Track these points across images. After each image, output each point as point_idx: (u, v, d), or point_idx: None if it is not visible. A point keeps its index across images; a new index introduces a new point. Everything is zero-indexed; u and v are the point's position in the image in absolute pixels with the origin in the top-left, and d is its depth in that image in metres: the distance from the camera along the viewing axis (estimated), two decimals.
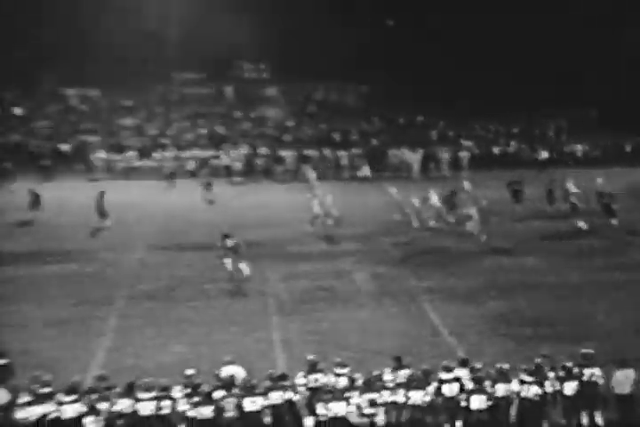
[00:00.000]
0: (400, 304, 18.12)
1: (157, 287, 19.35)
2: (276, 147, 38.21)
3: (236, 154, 36.97)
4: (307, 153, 37.26)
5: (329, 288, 19.39)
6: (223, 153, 37.04)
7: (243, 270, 19.48)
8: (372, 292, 19.07)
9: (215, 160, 36.51)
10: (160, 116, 42.27)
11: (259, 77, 45.14)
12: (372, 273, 20.55)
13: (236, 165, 35.99)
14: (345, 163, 36.82)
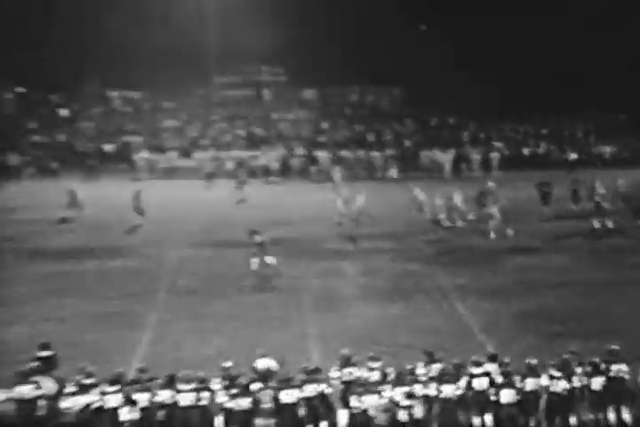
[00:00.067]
0: (432, 301, 18.37)
1: (196, 282, 19.78)
2: (311, 148, 38.65)
3: (272, 154, 37.53)
4: (341, 154, 37.63)
5: (363, 285, 19.75)
6: (261, 153, 37.59)
7: (270, 263, 19.67)
8: (406, 289, 19.35)
9: (253, 160, 37.04)
10: (200, 117, 42.86)
11: (295, 80, 45.56)
12: (404, 270, 20.85)
13: (273, 165, 36.57)
14: (378, 164, 37.18)
